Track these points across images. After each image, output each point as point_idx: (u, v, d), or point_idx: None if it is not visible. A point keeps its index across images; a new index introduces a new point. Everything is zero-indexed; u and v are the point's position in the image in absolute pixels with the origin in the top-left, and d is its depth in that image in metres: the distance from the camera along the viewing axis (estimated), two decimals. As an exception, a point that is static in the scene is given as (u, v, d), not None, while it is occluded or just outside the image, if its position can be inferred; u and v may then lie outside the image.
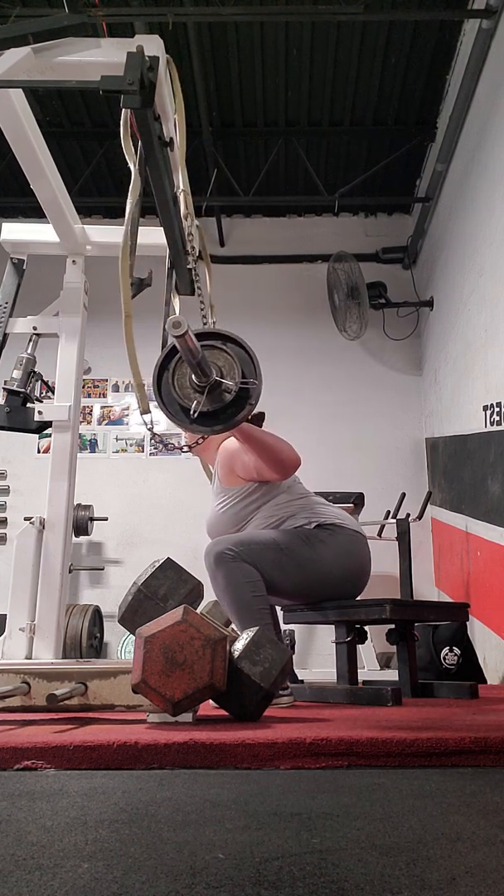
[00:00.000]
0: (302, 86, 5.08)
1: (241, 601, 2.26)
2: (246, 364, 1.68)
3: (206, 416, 1.68)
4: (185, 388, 1.69)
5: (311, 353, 6.05)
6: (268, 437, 2.33)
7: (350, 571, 2.44)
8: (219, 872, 0.71)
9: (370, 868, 0.72)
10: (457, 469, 4.86)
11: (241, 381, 1.66)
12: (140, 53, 1.70)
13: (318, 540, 2.38)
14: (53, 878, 0.70)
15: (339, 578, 2.42)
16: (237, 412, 1.68)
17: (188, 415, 1.67)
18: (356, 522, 2.55)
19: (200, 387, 1.66)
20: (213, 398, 1.66)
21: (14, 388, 2.52)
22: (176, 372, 1.70)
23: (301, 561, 2.35)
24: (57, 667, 1.87)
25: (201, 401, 1.65)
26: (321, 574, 2.38)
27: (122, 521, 5.70)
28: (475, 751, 1.29)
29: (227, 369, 1.68)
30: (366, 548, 2.50)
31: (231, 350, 1.68)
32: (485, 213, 4.20)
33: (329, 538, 2.40)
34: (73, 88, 2.55)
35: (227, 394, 1.66)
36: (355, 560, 2.45)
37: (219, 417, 1.68)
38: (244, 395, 1.67)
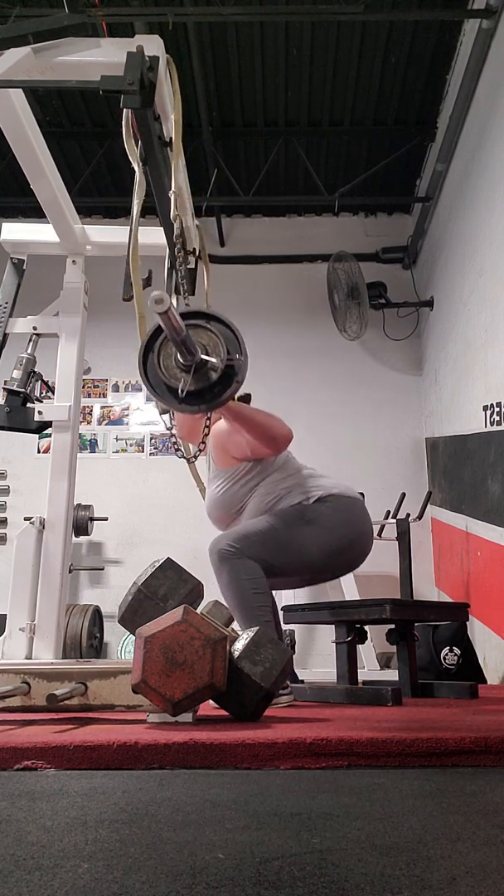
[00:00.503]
0: (302, 86, 5.08)
1: (243, 598, 2.28)
2: (231, 342, 1.67)
3: (194, 395, 1.67)
4: (172, 369, 1.68)
5: (311, 354, 6.05)
6: (257, 413, 2.34)
7: (354, 538, 2.46)
8: (219, 872, 0.71)
9: (370, 868, 0.72)
10: (457, 469, 4.86)
11: (227, 358, 1.65)
12: (140, 53, 1.70)
13: (319, 514, 2.40)
14: (53, 878, 0.70)
15: (345, 547, 2.43)
16: (224, 389, 1.67)
17: (176, 395, 1.66)
18: (351, 488, 2.56)
19: (186, 366, 1.65)
20: (199, 377, 1.65)
21: (14, 388, 2.52)
22: (161, 352, 1.68)
23: (305, 540, 2.36)
24: (57, 667, 1.87)
25: (188, 380, 1.64)
26: (328, 547, 2.40)
27: (122, 521, 5.70)
28: (475, 751, 1.29)
29: (212, 347, 1.67)
30: (364, 511, 2.53)
31: (215, 328, 1.67)
32: (485, 213, 4.20)
33: (328, 510, 2.41)
34: (73, 88, 2.55)
35: (214, 372, 1.65)
36: (357, 526, 2.47)
37: (206, 396, 1.68)
38: (230, 373, 1.66)
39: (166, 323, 1.49)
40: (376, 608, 2.47)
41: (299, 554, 2.37)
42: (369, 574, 5.00)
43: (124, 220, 3.95)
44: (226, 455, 2.49)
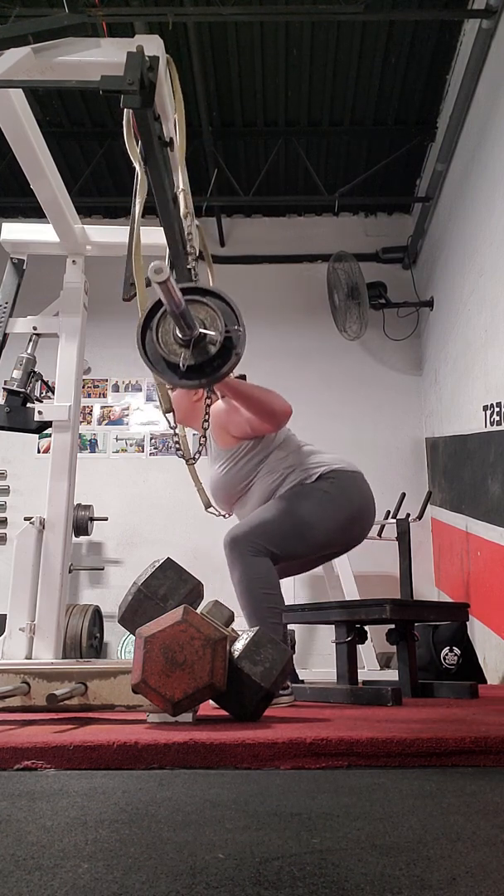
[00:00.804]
0: (302, 86, 5.08)
1: (253, 597, 2.31)
2: (228, 316, 1.67)
3: (194, 370, 1.66)
4: (170, 345, 1.67)
5: (311, 354, 6.05)
6: (256, 389, 2.35)
7: (358, 511, 2.50)
8: (219, 872, 0.71)
9: (370, 868, 0.72)
10: (457, 469, 4.86)
11: (226, 330, 1.65)
12: (140, 53, 1.70)
13: (323, 492, 2.43)
14: (53, 878, 0.70)
15: (351, 521, 2.48)
16: (224, 362, 1.67)
17: (176, 370, 1.66)
18: (352, 462, 2.58)
19: (185, 341, 1.65)
20: (198, 351, 1.65)
21: (14, 388, 2.52)
22: (159, 329, 1.68)
23: (313, 521, 2.40)
24: (57, 667, 1.87)
25: (188, 354, 1.64)
26: (335, 524, 2.44)
27: (122, 521, 5.70)
28: (475, 751, 1.29)
29: (209, 322, 1.67)
30: (365, 483, 2.56)
31: (212, 303, 1.68)
32: (485, 213, 4.20)
33: (332, 487, 2.44)
34: (73, 88, 2.55)
35: (212, 345, 1.65)
36: (360, 500, 2.51)
37: (206, 370, 1.67)
38: (229, 346, 1.66)
39: (165, 294, 1.49)
40: (376, 608, 2.47)
41: (310, 534, 2.41)
42: (369, 574, 5.01)
43: (124, 220, 3.94)
44: (226, 434, 2.50)
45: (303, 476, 2.47)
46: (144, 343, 1.69)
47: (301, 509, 2.41)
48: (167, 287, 1.46)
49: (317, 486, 2.44)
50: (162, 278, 1.41)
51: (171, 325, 1.65)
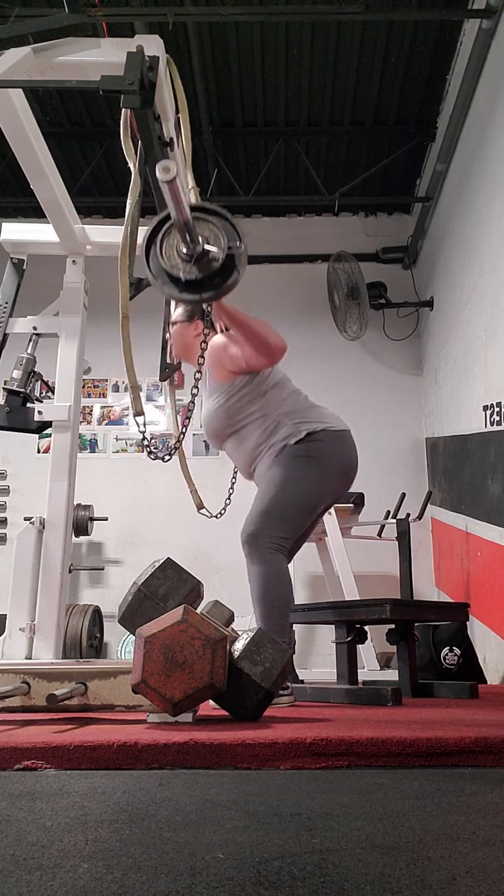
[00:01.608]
0: (302, 86, 5.08)
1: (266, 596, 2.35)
2: (231, 234, 1.69)
3: (195, 285, 1.69)
4: (174, 259, 1.69)
5: (310, 353, 6.04)
6: (253, 319, 2.38)
7: (343, 470, 2.57)
8: (219, 872, 0.71)
9: (370, 868, 0.72)
10: (457, 469, 4.86)
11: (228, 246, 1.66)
12: (140, 53, 1.70)
13: (310, 457, 2.48)
14: (53, 878, 0.70)
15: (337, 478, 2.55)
16: (226, 279, 1.69)
17: (178, 283, 1.68)
18: (341, 420, 2.62)
19: (188, 255, 1.66)
20: (201, 266, 1.67)
21: (14, 388, 2.52)
22: (164, 243, 1.70)
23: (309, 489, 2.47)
24: (57, 667, 1.87)
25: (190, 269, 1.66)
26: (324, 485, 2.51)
27: (122, 521, 5.70)
28: (475, 751, 1.29)
29: (213, 239, 1.68)
30: (353, 447, 2.62)
31: (216, 222, 1.69)
32: (485, 213, 4.20)
33: (318, 450, 2.49)
34: (73, 88, 2.55)
35: (215, 262, 1.66)
36: (345, 459, 2.57)
37: (207, 285, 1.69)
38: (231, 264, 1.68)
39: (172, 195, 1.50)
40: (376, 608, 2.47)
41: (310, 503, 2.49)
42: (369, 574, 5.01)
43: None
44: (221, 368, 2.52)
45: (293, 430, 2.49)
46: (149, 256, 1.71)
47: (296, 482, 2.46)
48: (174, 188, 1.47)
49: (304, 450, 2.48)
50: (169, 177, 1.43)
51: (176, 241, 1.67)
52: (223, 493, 2.94)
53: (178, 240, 1.65)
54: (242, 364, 2.47)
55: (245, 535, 2.43)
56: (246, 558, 2.42)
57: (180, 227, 1.60)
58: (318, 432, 2.51)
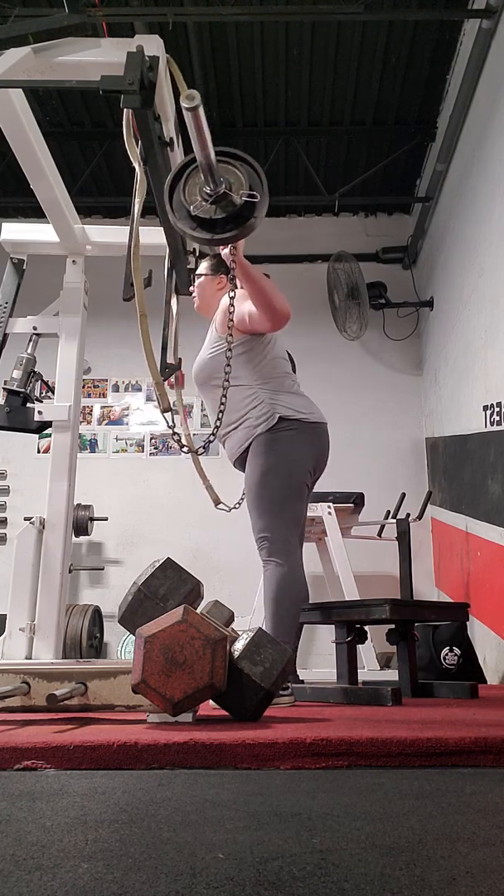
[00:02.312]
0: (302, 86, 5.08)
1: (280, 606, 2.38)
2: (255, 182, 1.72)
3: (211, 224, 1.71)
4: (194, 196, 1.72)
5: (310, 353, 6.03)
6: (266, 281, 2.44)
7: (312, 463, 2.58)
8: (219, 872, 0.71)
9: (370, 868, 0.72)
10: (457, 469, 4.86)
11: (248, 193, 1.68)
12: (140, 53, 1.70)
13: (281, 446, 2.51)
14: (53, 878, 0.70)
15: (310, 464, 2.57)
16: (241, 224, 1.71)
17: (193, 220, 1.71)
18: (317, 410, 2.64)
19: (209, 196, 1.69)
20: (220, 208, 1.69)
21: (14, 388, 2.52)
22: (188, 181, 1.72)
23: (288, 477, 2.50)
24: (57, 667, 1.87)
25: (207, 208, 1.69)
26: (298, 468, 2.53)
27: (122, 521, 5.70)
28: (475, 751, 1.29)
29: (235, 185, 1.71)
30: (326, 438, 2.64)
31: (241, 168, 1.71)
32: (485, 213, 4.20)
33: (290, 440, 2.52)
34: (73, 88, 2.55)
35: (233, 206, 1.69)
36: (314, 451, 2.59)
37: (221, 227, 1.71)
38: (249, 210, 1.70)
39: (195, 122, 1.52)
40: (376, 608, 2.47)
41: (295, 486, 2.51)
42: (369, 574, 5.01)
43: (124, 220, 3.94)
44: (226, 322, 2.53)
45: (268, 411, 2.52)
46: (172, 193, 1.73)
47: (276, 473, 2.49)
48: (197, 116, 1.50)
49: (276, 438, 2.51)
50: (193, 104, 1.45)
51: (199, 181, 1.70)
52: (223, 493, 2.94)
53: (202, 179, 1.67)
54: (246, 322, 2.51)
55: (258, 538, 2.47)
56: (262, 559, 2.46)
57: (203, 165, 1.63)
58: (291, 420, 2.54)
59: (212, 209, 1.69)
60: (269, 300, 2.43)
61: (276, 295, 2.45)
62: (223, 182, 1.69)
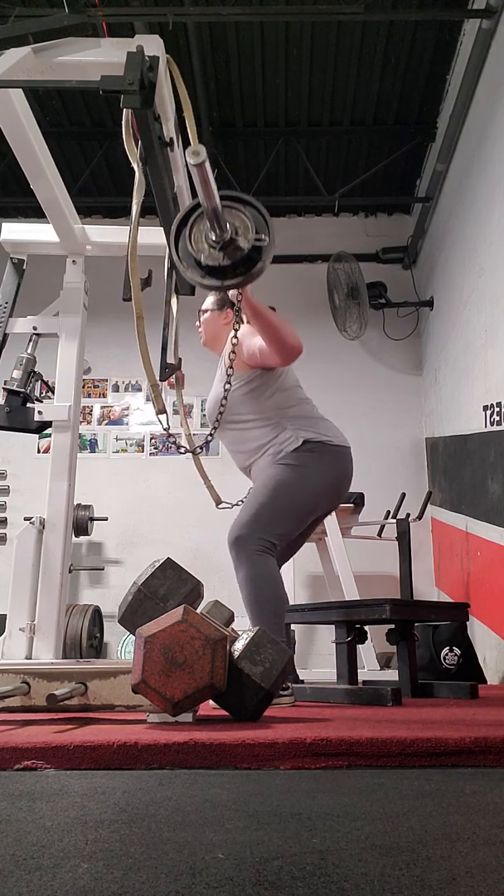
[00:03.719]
0: (302, 86, 5.08)
1: (258, 598, 2.34)
2: (261, 226, 1.70)
3: (219, 271, 1.70)
4: (201, 244, 1.71)
5: (310, 353, 5.97)
6: (275, 317, 2.39)
7: (332, 486, 2.56)
8: (219, 872, 0.71)
9: (370, 868, 0.72)
10: (457, 469, 4.86)
11: (255, 237, 1.68)
12: (140, 53, 1.70)
13: (303, 466, 2.48)
14: (53, 878, 0.70)
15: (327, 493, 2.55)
16: (250, 268, 1.70)
17: (201, 268, 1.70)
18: (342, 435, 2.63)
19: (215, 243, 1.68)
20: (227, 254, 1.69)
21: (14, 388, 2.52)
22: (193, 228, 1.71)
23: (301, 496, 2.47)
24: (57, 667, 1.87)
25: (215, 255, 1.68)
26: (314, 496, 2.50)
27: (122, 521, 5.70)
28: (475, 751, 1.29)
29: (242, 229, 1.70)
30: (349, 462, 2.63)
31: (247, 212, 1.70)
32: (485, 213, 4.20)
33: (314, 460, 2.49)
34: (73, 88, 2.55)
35: (241, 251, 1.68)
36: (336, 475, 2.57)
37: (230, 273, 1.70)
38: (256, 255, 1.69)
39: (201, 179, 1.51)
40: (376, 608, 2.47)
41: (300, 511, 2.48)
42: (369, 574, 5.01)
43: (124, 220, 3.94)
44: (237, 359, 2.52)
45: (292, 436, 2.50)
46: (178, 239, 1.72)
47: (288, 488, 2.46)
48: (203, 170, 1.48)
49: (299, 459, 2.48)
50: (199, 160, 1.44)
51: (205, 227, 1.69)
52: (225, 492, 2.94)
53: (208, 227, 1.66)
54: (257, 357, 2.48)
55: (232, 538, 2.41)
56: (233, 562, 2.41)
57: (209, 214, 1.62)
58: (314, 442, 2.51)
59: (220, 256, 1.68)
60: (279, 336, 2.38)
61: (286, 330, 2.40)
62: (229, 228, 1.68)
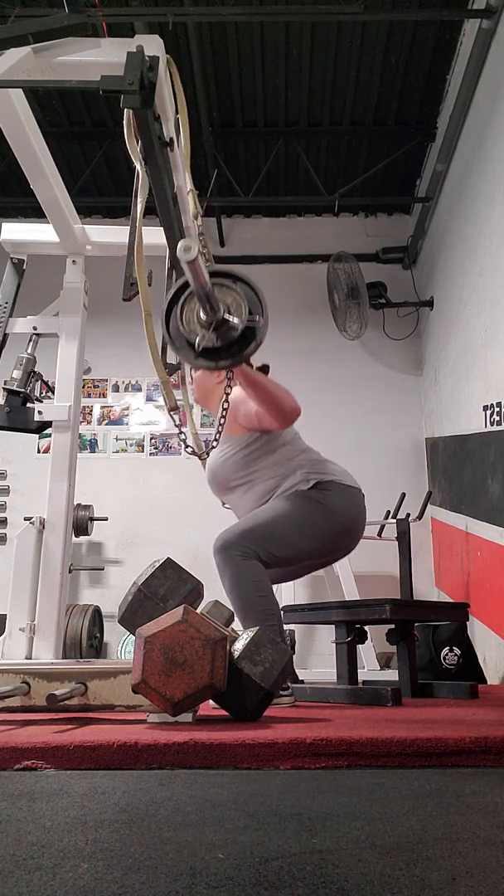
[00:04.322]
0: (302, 86, 5.08)
1: (246, 600, 2.28)
2: (254, 304, 1.69)
3: (212, 352, 1.69)
4: (192, 324, 1.70)
5: (310, 353, 6.04)
6: (270, 383, 2.35)
7: (347, 526, 2.48)
8: (219, 872, 0.71)
9: (370, 868, 0.72)
10: (457, 469, 4.86)
11: (248, 318, 1.66)
12: (140, 53, 1.70)
13: (316, 501, 2.42)
14: (53, 878, 0.70)
15: (338, 534, 2.47)
16: (242, 349, 1.69)
17: (193, 349, 1.68)
18: (352, 477, 2.57)
19: (207, 323, 1.66)
20: (219, 334, 1.67)
21: (14, 388, 2.52)
22: (184, 308, 1.70)
23: (303, 528, 2.38)
24: (57, 667, 1.87)
25: (208, 336, 1.66)
26: (323, 535, 2.43)
27: (122, 521, 5.70)
28: (475, 751, 1.29)
29: (234, 307, 1.68)
30: (361, 504, 2.54)
31: (239, 289, 1.69)
32: (485, 213, 4.20)
33: (327, 498, 2.43)
34: (73, 88, 2.55)
35: (233, 331, 1.67)
36: (350, 515, 2.49)
37: (223, 354, 1.69)
38: (250, 334, 1.68)
39: (192, 273, 1.50)
40: (376, 608, 2.47)
41: (299, 542, 2.39)
42: (369, 574, 5.00)
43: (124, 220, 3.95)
44: (233, 423, 2.50)
45: (300, 479, 2.45)
46: (168, 319, 1.70)
47: (291, 517, 2.39)
48: (195, 267, 1.47)
49: (310, 495, 2.42)
50: (190, 257, 1.43)
51: (196, 305, 1.67)
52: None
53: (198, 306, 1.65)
54: (255, 422, 2.45)
55: (217, 544, 2.34)
56: (218, 570, 2.33)
57: (200, 298, 1.60)
58: (327, 482, 2.46)
59: (212, 336, 1.65)
60: (276, 403, 2.34)
61: (283, 395, 2.35)
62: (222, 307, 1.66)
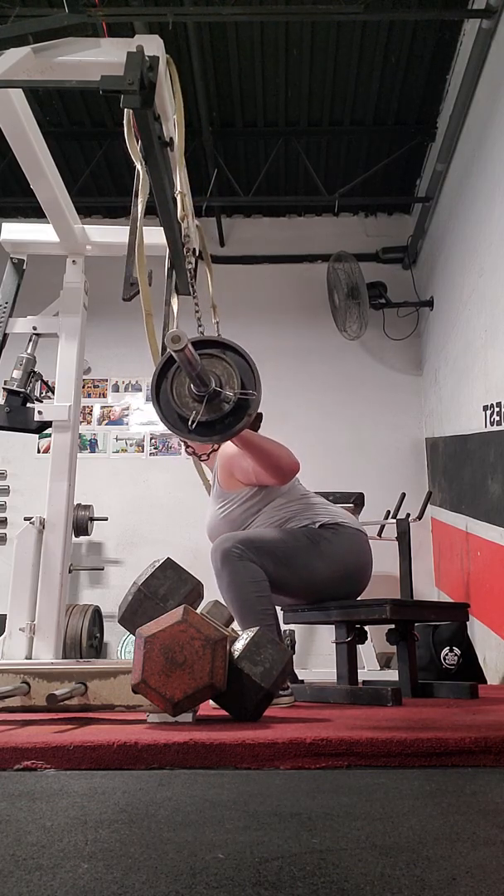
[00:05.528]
0: (302, 86, 5.08)
1: (244, 601, 2.26)
2: (245, 373, 1.68)
3: (205, 426, 1.67)
4: (184, 398, 1.68)
5: (310, 353, 6.05)
6: (266, 443, 2.32)
7: (353, 570, 2.46)
8: (219, 872, 0.71)
9: (370, 868, 0.72)
10: (457, 469, 4.86)
11: (241, 391, 1.65)
12: (140, 53, 1.70)
13: (323, 539, 2.40)
14: (53, 878, 0.70)
15: (342, 577, 2.43)
16: (235, 422, 1.68)
17: (186, 424, 1.67)
18: (357, 521, 2.56)
19: (199, 396, 1.65)
20: (211, 408, 1.66)
21: (14, 388, 2.52)
22: (174, 381, 1.69)
23: (307, 560, 2.36)
24: (57, 667, 1.87)
25: (200, 410, 1.65)
26: (325, 573, 2.39)
27: (122, 521, 5.70)
28: (475, 751, 1.29)
29: (225, 378, 1.67)
30: (367, 546, 2.52)
31: (230, 359, 1.68)
32: (485, 213, 4.20)
33: (333, 537, 2.41)
34: (73, 88, 2.55)
35: (226, 403, 1.66)
36: (358, 558, 2.47)
37: (217, 427, 1.68)
38: (243, 406, 1.67)
39: (182, 359, 1.50)
40: (376, 608, 2.46)
41: (302, 573, 2.37)
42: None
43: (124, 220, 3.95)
44: (231, 478, 2.49)
45: (306, 522, 2.44)
46: (159, 394, 1.69)
47: (299, 545, 2.37)
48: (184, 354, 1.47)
49: (318, 532, 2.41)
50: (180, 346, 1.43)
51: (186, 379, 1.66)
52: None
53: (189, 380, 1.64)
54: (252, 479, 2.43)
55: (214, 546, 2.33)
56: (215, 572, 2.32)
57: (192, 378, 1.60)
58: (331, 525, 2.44)
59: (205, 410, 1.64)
60: (273, 462, 2.31)
61: (280, 453, 2.32)
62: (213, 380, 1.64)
